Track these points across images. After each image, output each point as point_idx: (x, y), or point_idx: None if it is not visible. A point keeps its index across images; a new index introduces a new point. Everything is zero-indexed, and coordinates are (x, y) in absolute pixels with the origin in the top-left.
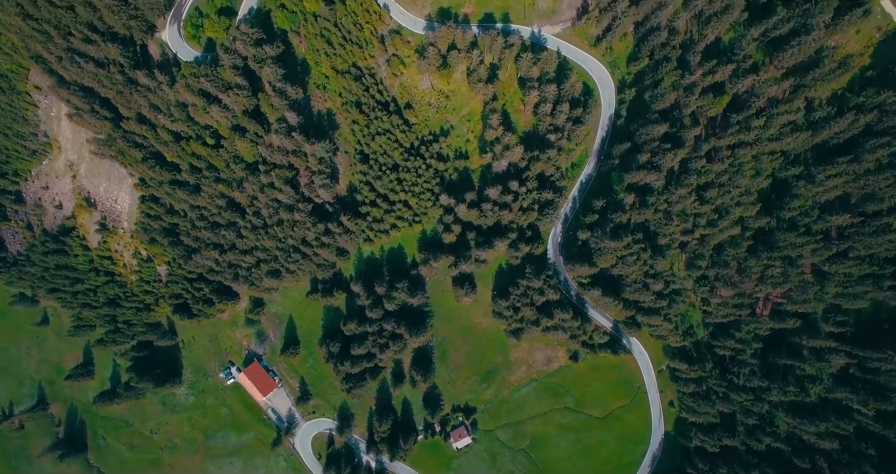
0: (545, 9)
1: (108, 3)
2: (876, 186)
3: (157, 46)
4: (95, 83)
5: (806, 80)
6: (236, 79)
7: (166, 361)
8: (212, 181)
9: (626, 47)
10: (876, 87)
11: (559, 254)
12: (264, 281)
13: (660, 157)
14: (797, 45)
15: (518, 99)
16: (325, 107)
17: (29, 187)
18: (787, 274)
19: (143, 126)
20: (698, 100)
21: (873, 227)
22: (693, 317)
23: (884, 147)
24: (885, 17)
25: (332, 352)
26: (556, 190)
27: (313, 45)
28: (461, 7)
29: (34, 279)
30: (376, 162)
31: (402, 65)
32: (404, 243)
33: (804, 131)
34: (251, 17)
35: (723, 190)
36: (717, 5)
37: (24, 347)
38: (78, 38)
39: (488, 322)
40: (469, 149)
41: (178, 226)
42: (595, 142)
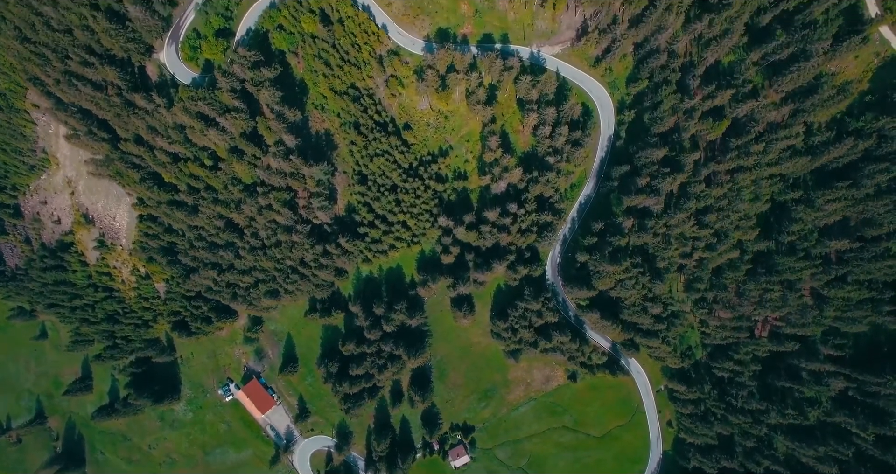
0: (544, 29)
1: (106, 27)
2: (875, 211)
3: (154, 68)
4: (93, 106)
5: (805, 105)
6: (234, 102)
7: (165, 377)
8: (210, 202)
9: (625, 68)
10: (875, 112)
11: (558, 275)
12: (262, 301)
13: (659, 181)
14: (796, 70)
15: (517, 119)
16: (324, 127)
17: (27, 201)
18: (786, 298)
19: (140, 147)
20: (698, 124)
21: (872, 253)
22: (691, 337)
23: (883, 172)
24: (884, 42)
25: (330, 371)
26: (554, 212)
27: (311, 66)
28: (460, 28)
29: (32, 294)
30: (374, 183)
31: (400, 86)
32: (403, 263)
33: (803, 156)
34: (248, 38)
35: (722, 214)
36: (717, 29)
37: (23, 361)
38: (75, 61)
39: (487, 341)
40: (468, 169)
41: (176, 245)
42: (594, 162)
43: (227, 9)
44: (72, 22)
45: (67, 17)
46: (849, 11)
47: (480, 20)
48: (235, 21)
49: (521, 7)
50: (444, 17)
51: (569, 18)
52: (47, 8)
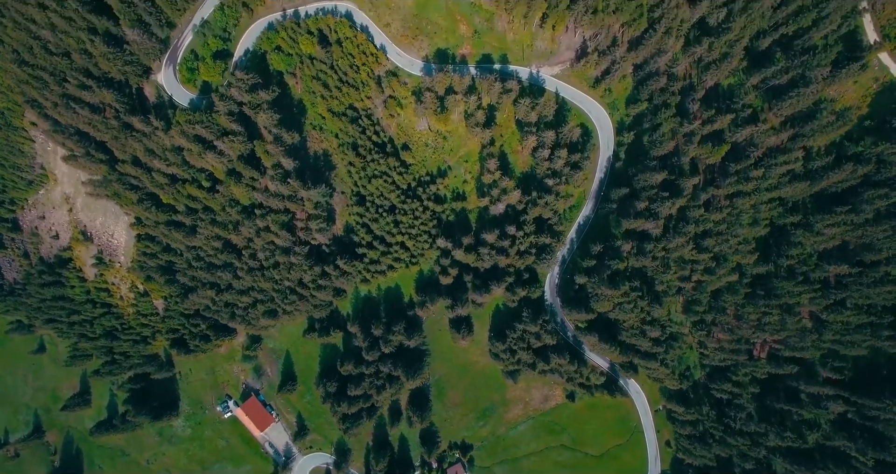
0: (543, 50)
1: (104, 52)
2: (874, 236)
3: (152, 89)
4: (90, 128)
5: (804, 131)
6: (231, 125)
7: (163, 393)
8: (208, 223)
9: (624, 89)
10: (873, 137)
11: (556, 296)
12: (261, 321)
13: (658, 205)
14: (796, 95)
15: (516, 140)
16: (322, 147)
17: (25, 215)
18: (785, 321)
19: (138, 169)
20: (697, 148)
21: (871, 278)
22: (690, 358)
23: (882, 198)
24: (883, 68)
25: (329, 391)
26: (553, 234)
27: (309, 87)
28: (458, 48)
29: (30, 309)
30: (373, 204)
31: (398, 106)
32: (401, 282)
33: (803, 181)
34: (246, 59)
35: (721, 238)
36: (716, 53)
37: (21, 375)
38: (73, 85)
39: (485, 360)
40: (466, 189)
41: (174, 264)
42: (593, 183)
43: (224, 30)
44: (69, 46)
45: (65, 41)
46: (848, 37)
47: (479, 41)
48: (233, 42)
49: (520, 28)
50: (443, 37)
51: (568, 39)
52: (45, 32)
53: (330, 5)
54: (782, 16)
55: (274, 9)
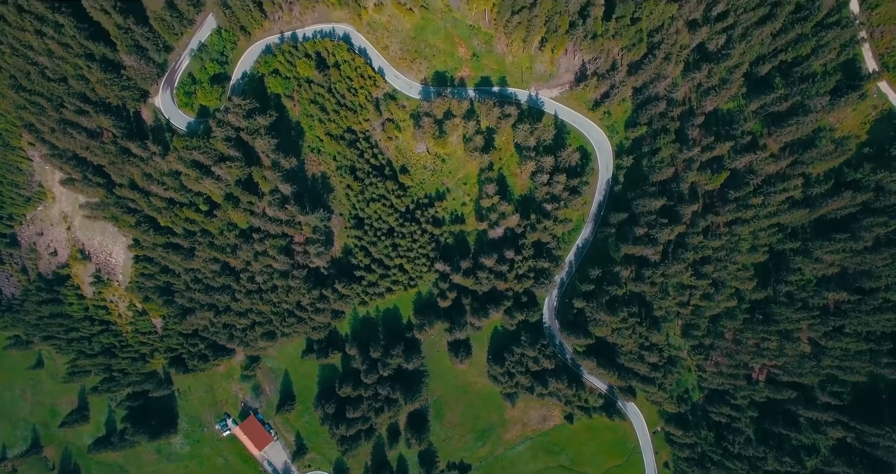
0: (542, 72)
1: (101, 78)
2: (873, 264)
3: (150, 112)
4: (88, 153)
5: (804, 158)
6: (229, 150)
7: (161, 410)
8: (206, 246)
9: (624, 112)
10: (872, 164)
11: (555, 319)
12: (259, 342)
13: (656, 231)
14: (795, 123)
15: (515, 162)
16: (320, 170)
17: (24, 231)
18: (783, 347)
19: (135, 193)
20: (696, 174)
21: (871, 306)
22: (688, 380)
23: (881, 226)
24: (881, 96)
25: (327, 413)
26: (552, 259)
27: (307, 111)
28: (457, 71)
29: (28, 326)
30: (371, 227)
31: (397, 129)
32: (400, 304)
33: (802, 208)
34: (244, 82)
35: (719, 265)
36: (716, 79)
37: (19, 390)
38: (70, 110)
39: (484, 381)
40: (465, 212)
41: (172, 285)
42: (592, 206)
43: (222, 54)
44: (66, 71)
45: (62, 67)
46: (847, 65)
47: (478, 63)
48: (231, 65)
49: (519, 50)
50: (442, 60)
51: (567, 62)
52: (42, 58)
53: (328, 28)
54: (781, 43)
55: (271, 31)
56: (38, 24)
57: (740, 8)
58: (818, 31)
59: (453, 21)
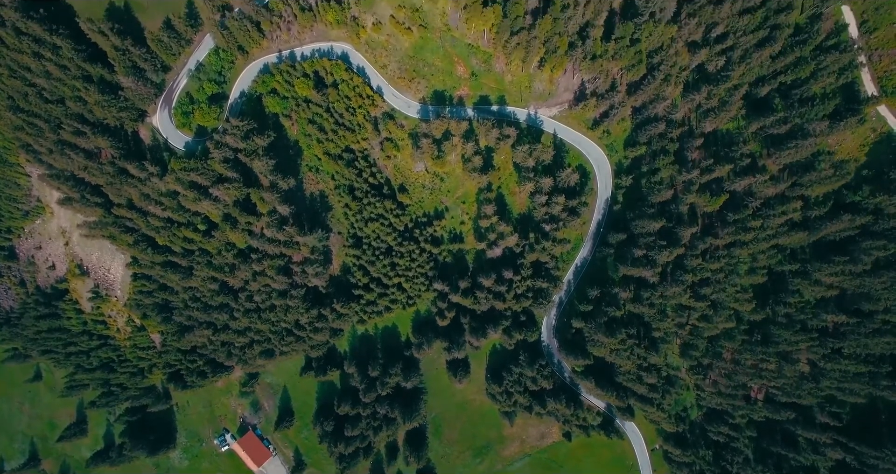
0: (541, 91)
1: (98, 100)
2: (872, 287)
3: (147, 131)
4: (85, 173)
5: (803, 181)
6: (227, 172)
7: (160, 424)
8: (204, 266)
9: (623, 131)
10: (871, 186)
11: (553, 337)
12: (258, 360)
13: (655, 253)
14: (794, 146)
15: (514, 181)
16: (318, 189)
17: (22, 244)
18: (782, 368)
19: (133, 212)
20: (695, 196)
21: (870, 329)
22: (687, 398)
23: (880, 249)
24: (880, 119)
25: (326, 431)
26: (550, 279)
27: (305, 130)
28: (456, 90)
29: (26, 340)
30: (369, 246)
31: (395, 149)
32: (398, 322)
33: (801, 230)
34: (242, 101)
35: (718, 287)
36: (715, 101)
37: (17, 402)
38: (68, 131)
39: (482, 398)
40: (463, 230)
41: (171, 302)
42: (591, 224)
43: (219, 74)
44: (64, 93)
45: (60, 89)
46: (846, 88)
47: (477, 82)
48: (229, 84)
49: (517, 69)
50: (440, 79)
51: (566, 81)
52: (40, 79)
53: (326, 46)
54: (781, 65)
55: (269, 50)
56: (36, 46)
57: (739, 30)
58: (817, 55)
59: (452, 40)
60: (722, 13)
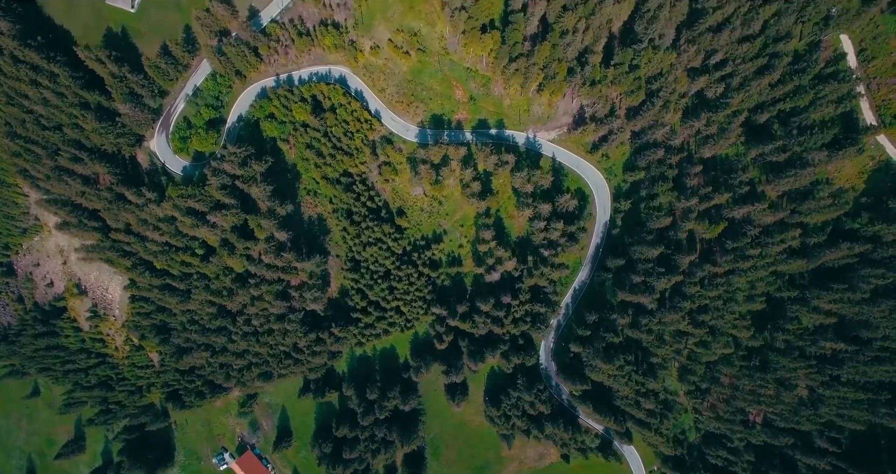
0: (540, 114)
1: (95, 127)
2: (871, 315)
3: (145, 155)
4: (83, 199)
5: (802, 209)
6: (224, 198)
7: (158, 442)
8: (202, 289)
9: (622, 154)
10: (870, 213)
11: (551, 360)
12: (256, 383)
13: (653, 279)
14: (793, 175)
15: (512, 204)
16: (316, 212)
17: (20, 260)
18: (780, 395)
19: (131, 237)
20: (694, 224)
21: (868, 356)
22: (685, 421)
23: (878, 277)
24: (879, 147)
25: (324, 453)
26: (548, 304)
27: (303, 154)
28: (454, 113)
29: (23, 358)
30: (368, 270)
31: (393, 172)
32: (397, 344)
33: (800, 258)
34: (239, 125)
35: (716, 314)
36: (714, 128)
37: (14, 418)
38: (65, 157)
39: (480, 419)
40: (462, 253)
41: (169, 324)
42: (590, 248)
43: (217, 98)
44: (62, 120)
45: (57, 116)
46: (845, 116)
47: (475, 106)
48: (226, 108)
49: (516, 93)
50: (439, 103)
51: (565, 104)
52: (38, 106)
53: (324, 70)
54: (780, 93)
55: (267, 74)
56: (34, 74)
57: (738, 58)
58: (816, 84)
59: (450, 64)
60: (721, 40)
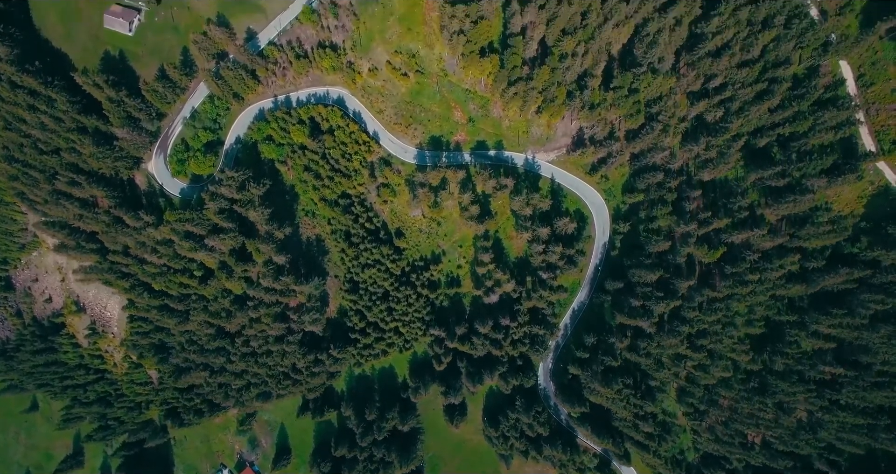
0: (539, 136)
1: (93, 152)
2: (870, 341)
3: (143, 177)
4: (81, 222)
5: (801, 234)
6: (222, 222)
7: (157, 458)
8: (200, 311)
9: (621, 176)
10: (869, 237)
11: (550, 381)
12: (254, 403)
13: (652, 303)
14: (792, 201)
15: (511, 225)
16: (314, 233)
17: (18, 275)
18: (779, 418)
19: (129, 259)
20: (693, 248)
21: (868, 382)
22: (684, 441)
23: (878, 303)
24: (878, 172)
25: (323, 472)
26: (547, 326)
27: (301, 176)
28: (453, 135)
29: (22, 374)
30: (366, 291)
31: (392, 194)
32: (395, 363)
33: (799, 283)
34: (237, 147)
35: (715, 338)
36: (714, 152)
37: (12, 432)
38: (63, 181)
39: (479, 438)
40: (461, 274)
41: (167, 343)
42: (589, 269)
43: (214, 121)
44: (59, 145)
45: (55, 141)
46: (844, 142)
47: (474, 127)
48: (224, 130)
49: (515, 115)
50: (437, 125)
51: (565, 126)
52: (35, 131)
53: (322, 91)
54: (779, 118)
55: (265, 95)
56: (31, 99)
57: (738, 82)
58: (815, 110)
59: (449, 85)
60: (720, 65)
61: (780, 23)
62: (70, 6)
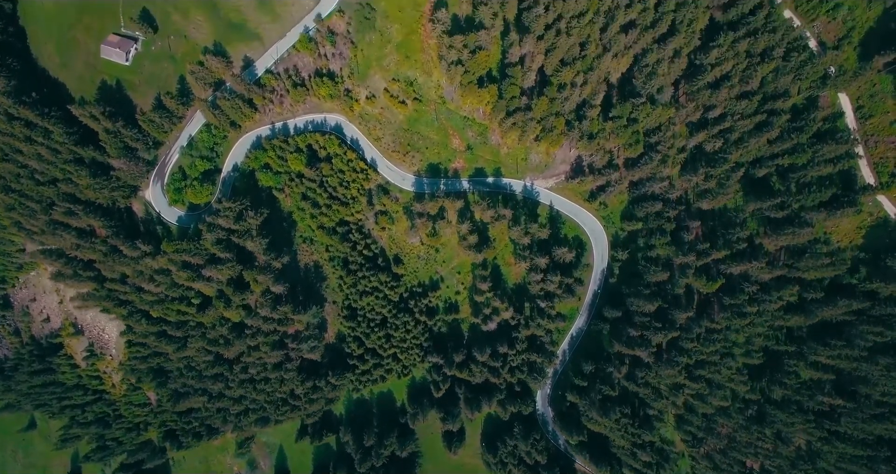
0: (538, 163)
1: (89, 183)
2: (869, 372)
3: (140, 205)
4: (78, 252)
5: (800, 265)
6: (220, 253)
7: None
8: (198, 338)
9: (620, 203)
10: (868, 268)
11: (548, 406)
12: (253, 428)
13: (650, 333)
14: (791, 233)
15: (509, 252)
16: (313, 259)
17: (17, 294)
18: (777, 448)
19: (126, 287)
20: (692, 279)
21: (867, 414)
22: (682, 467)
23: (876, 335)
24: (876, 204)
25: None
26: (545, 354)
27: (298, 205)
28: (451, 162)
29: (19, 395)
30: (364, 318)
31: (389, 221)
32: (394, 388)
33: (798, 314)
34: (235, 175)
35: (713, 368)
36: (713, 183)
37: (10, 451)
38: (60, 211)
39: (477, 462)
40: (459, 300)
41: (166, 368)
42: (587, 296)
43: (211, 150)
44: (56, 175)
45: (52, 171)
46: (843, 174)
47: (472, 155)
48: (221, 158)
49: (514, 143)
50: (435, 152)
51: (563, 153)
52: (32, 161)
53: (319, 118)
54: (778, 149)
55: (262, 123)
56: (28, 130)
57: (737, 113)
58: (814, 143)
59: (447, 113)
60: (720, 96)
61: (778, 55)
62: (67, 36)
